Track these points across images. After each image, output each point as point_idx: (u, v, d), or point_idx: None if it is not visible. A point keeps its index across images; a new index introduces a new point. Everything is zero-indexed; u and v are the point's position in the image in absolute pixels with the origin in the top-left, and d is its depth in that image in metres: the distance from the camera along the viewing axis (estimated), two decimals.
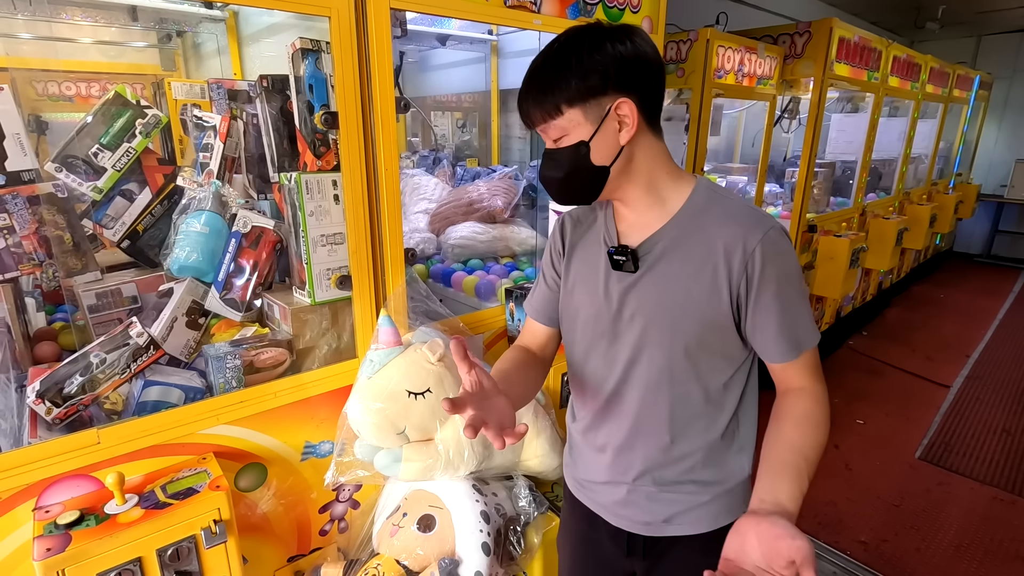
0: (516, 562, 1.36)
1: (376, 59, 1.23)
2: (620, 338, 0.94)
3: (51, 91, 2.02)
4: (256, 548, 1.36)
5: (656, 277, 0.90)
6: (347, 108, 1.22)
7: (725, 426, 0.95)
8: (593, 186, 0.88)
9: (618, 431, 0.99)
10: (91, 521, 0.99)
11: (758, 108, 3.37)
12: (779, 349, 0.87)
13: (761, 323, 0.86)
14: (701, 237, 0.87)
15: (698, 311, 0.87)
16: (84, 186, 1.40)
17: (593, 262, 0.97)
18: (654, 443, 0.96)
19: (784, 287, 0.85)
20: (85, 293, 1.39)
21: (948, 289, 5.82)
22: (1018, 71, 6.57)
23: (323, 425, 1.39)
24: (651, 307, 0.90)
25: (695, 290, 0.86)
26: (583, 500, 1.09)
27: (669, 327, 0.89)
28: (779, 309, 0.85)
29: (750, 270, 0.83)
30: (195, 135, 1.57)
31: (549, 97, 0.83)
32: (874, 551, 2.19)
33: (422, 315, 1.49)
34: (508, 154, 3.01)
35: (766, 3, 4.30)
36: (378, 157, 1.29)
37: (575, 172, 0.86)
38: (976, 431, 3.10)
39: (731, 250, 0.84)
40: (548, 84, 0.83)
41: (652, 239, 0.90)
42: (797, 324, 0.87)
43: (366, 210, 1.31)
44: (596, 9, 1.61)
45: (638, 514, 1.00)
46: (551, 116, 0.84)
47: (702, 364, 0.91)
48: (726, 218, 0.86)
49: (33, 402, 1.10)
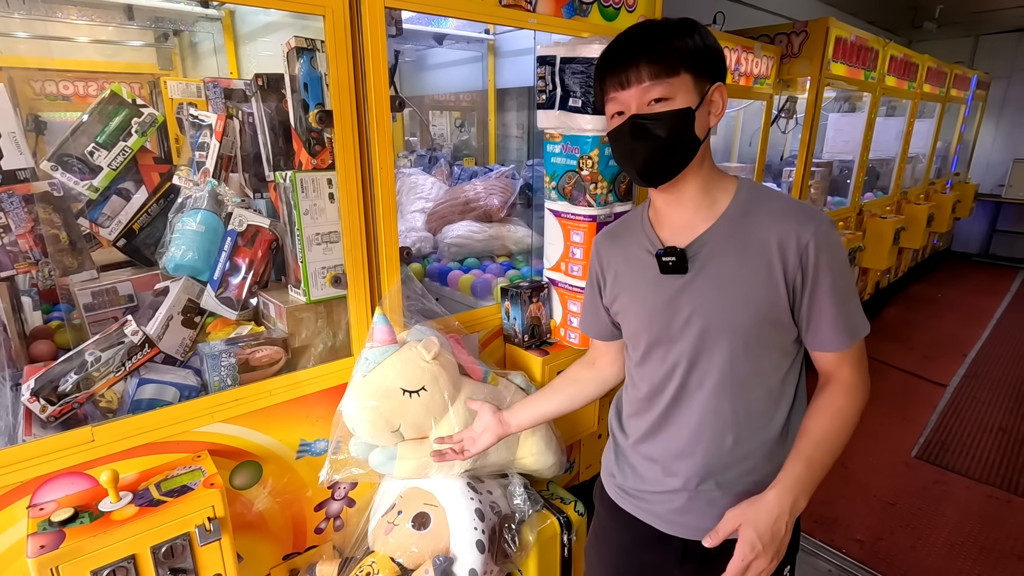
0: (511, 560, 1.37)
1: (371, 58, 1.23)
2: (677, 342, 0.94)
3: (48, 90, 2.03)
4: (251, 546, 1.36)
5: (710, 277, 0.90)
6: (342, 107, 1.23)
7: (783, 421, 0.95)
8: (685, 157, 0.88)
9: (678, 437, 0.98)
10: (85, 518, 0.99)
11: (755, 107, 3.37)
12: (836, 339, 0.89)
13: (818, 314, 0.88)
14: (753, 236, 0.88)
15: (756, 308, 0.88)
16: (80, 185, 1.40)
17: (638, 270, 0.98)
18: (716, 446, 0.95)
19: (838, 278, 0.87)
20: (81, 292, 1.40)
21: (946, 288, 5.83)
22: (1016, 71, 6.57)
23: (318, 423, 1.39)
24: (708, 308, 0.90)
25: (752, 287, 0.88)
26: (630, 510, 1.07)
27: (728, 326, 0.89)
28: (836, 300, 0.87)
29: (805, 263, 0.86)
30: (191, 134, 1.58)
31: (670, 55, 0.83)
32: (870, 549, 2.19)
33: (417, 313, 1.49)
34: (505, 153, 3.01)
35: (763, 2, 4.30)
36: (373, 156, 1.29)
37: (676, 137, 0.86)
38: (973, 430, 3.10)
39: (785, 245, 0.86)
40: (671, 43, 0.83)
41: (700, 240, 0.91)
42: (851, 313, 0.89)
43: (361, 209, 1.31)
44: (592, 8, 1.61)
45: (700, 520, 0.97)
46: (667, 74, 0.83)
47: (763, 360, 0.92)
48: (776, 215, 0.88)
49: (28, 400, 1.10)
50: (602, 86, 0.90)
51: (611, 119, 0.91)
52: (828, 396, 0.91)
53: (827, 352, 0.91)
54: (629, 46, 0.85)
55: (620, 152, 0.92)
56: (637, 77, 0.84)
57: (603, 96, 0.91)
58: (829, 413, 0.89)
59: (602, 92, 0.91)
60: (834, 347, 0.90)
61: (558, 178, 1.60)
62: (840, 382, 0.92)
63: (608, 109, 0.91)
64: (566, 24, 1.57)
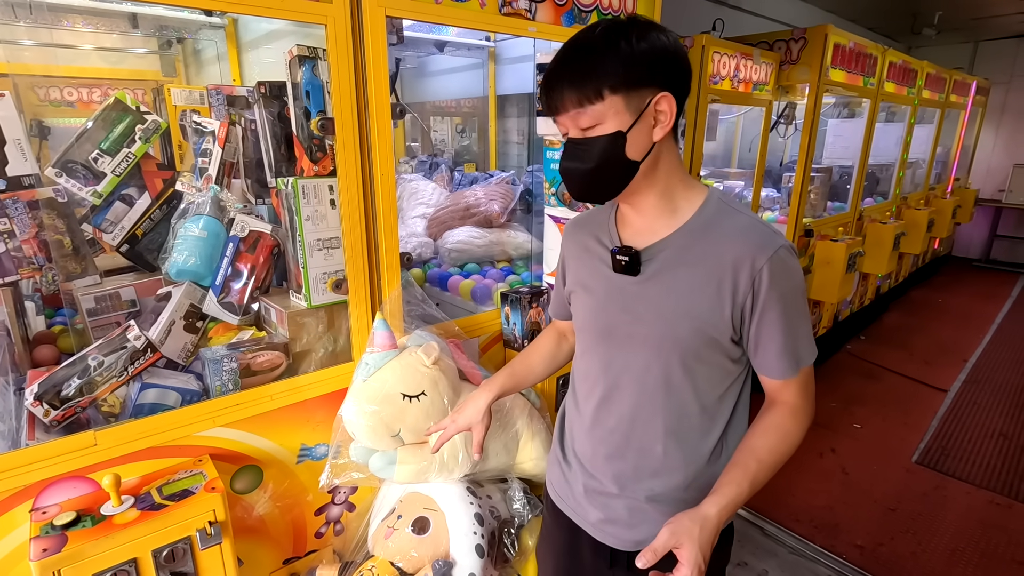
0: (510, 564, 1.37)
1: (372, 66, 1.25)
2: (617, 342, 0.93)
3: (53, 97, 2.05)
4: (252, 550, 1.37)
5: (660, 284, 0.89)
6: (343, 114, 1.24)
7: (717, 439, 0.94)
8: (620, 181, 0.85)
9: (609, 440, 0.97)
10: (87, 522, 0.99)
11: (755, 113, 3.38)
12: (780, 367, 0.87)
13: (764, 341, 0.86)
14: (710, 249, 0.85)
15: (698, 322, 0.86)
16: (84, 191, 1.41)
17: (593, 263, 0.97)
18: (646, 453, 0.94)
19: (788, 307, 0.85)
20: (84, 297, 1.41)
21: (946, 294, 5.82)
22: (1015, 76, 6.59)
23: (319, 428, 1.40)
24: (652, 315, 0.89)
25: (698, 301, 0.86)
26: (567, 512, 1.07)
27: (668, 336, 0.88)
28: (783, 329, 0.85)
29: (756, 287, 0.83)
30: (194, 140, 1.59)
31: (591, 80, 0.78)
32: (870, 555, 2.19)
33: (418, 319, 1.50)
34: (506, 159, 3.03)
35: (762, 9, 4.33)
36: (374, 162, 1.31)
37: (606, 164, 0.82)
38: (973, 435, 3.10)
39: (739, 266, 0.83)
40: (591, 67, 0.78)
41: (658, 245, 0.89)
42: (798, 342, 0.87)
43: (362, 215, 1.32)
44: (591, 16, 1.63)
45: (623, 532, 0.98)
46: (589, 101, 0.79)
47: (698, 376, 0.90)
48: (737, 233, 0.85)
49: (31, 404, 1.11)
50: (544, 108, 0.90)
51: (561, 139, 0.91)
52: (776, 416, 0.89)
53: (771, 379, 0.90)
54: (556, 72, 0.82)
55: (561, 172, 0.90)
56: (563, 105, 0.82)
57: None
58: (778, 434, 0.88)
59: None
60: (779, 375, 0.88)
61: (557, 184, 1.61)
62: (786, 404, 0.90)
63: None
64: (566, 32, 1.59)
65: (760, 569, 2.12)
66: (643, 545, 0.95)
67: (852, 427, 3.15)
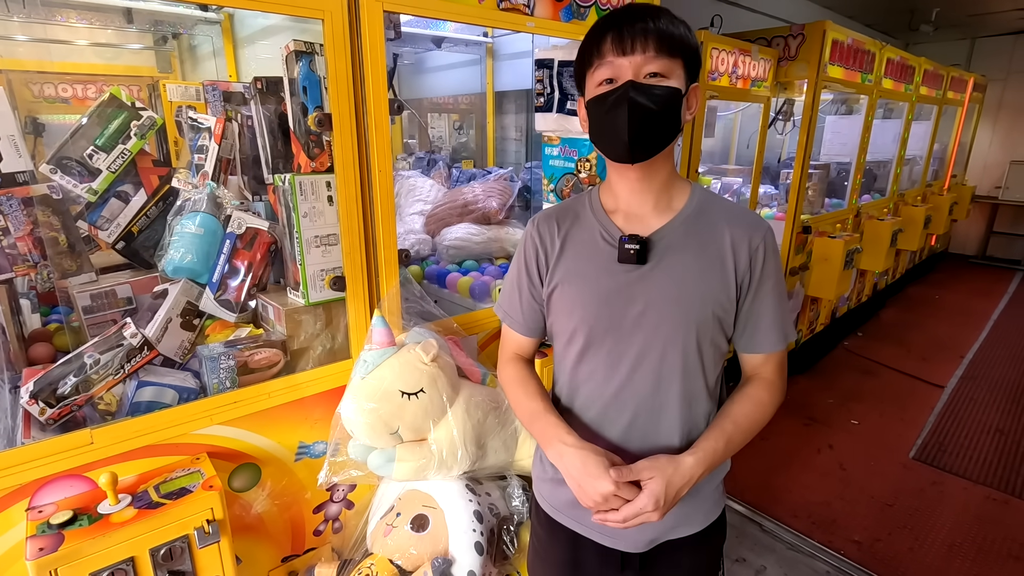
0: (509, 561, 1.37)
1: (369, 61, 1.24)
2: (627, 335, 0.90)
3: (47, 93, 2.03)
4: (250, 548, 1.36)
5: (667, 271, 0.88)
6: (340, 110, 1.23)
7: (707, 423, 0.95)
8: (669, 135, 0.87)
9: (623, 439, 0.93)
10: (84, 521, 0.99)
11: (753, 110, 3.38)
12: (771, 339, 0.93)
13: (757, 315, 0.92)
14: (710, 234, 0.90)
15: (712, 304, 0.89)
16: (79, 188, 1.40)
17: (588, 256, 0.93)
18: (663, 449, 0.90)
19: (778, 282, 0.93)
20: (80, 294, 1.40)
21: (943, 290, 5.84)
22: (1012, 73, 6.60)
23: (317, 425, 1.39)
24: (664, 302, 0.88)
25: (708, 284, 0.89)
26: (567, 524, 1.02)
27: (684, 321, 0.88)
28: (775, 303, 0.92)
29: (754, 264, 0.90)
30: (190, 137, 1.58)
31: (675, 35, 0.83)
32: (868, 550, 2.20)
33: (416, 316, 1.50)
34: (503, 156, 3.02)
35: (760, 6, 4.32)
36: (371, 158, 1.30)
37: (667, 112, 0.84)
38: (970, 431, 3.11)
39: (738, 246, 0.89)
40: (675, 25, 0.84)
41: (658, 233, 0.90)
42: (786, 318, 0.94)
43: (360, 211, 1.31)
44: (589, 12, 1.62)
45: (640, 533, 0.94)
46: (667, 52, 0.82)
47: (707, 358, 0.91)
48: (729, 216, 0.92)
49: (27, 403, 1.11)
50: (597, 49, 0.84)
51: (597, 87, 0.86)
52: (753, 388, 0.94)
53: (759, 353, 0.94)
54: (639, 14, 0.82)
55: (608, 120, 0.85)
56: (643, 45, 0.81)
57: (591, 62, 0.86)
58: (753, 402, 0.92)
59: (592, 57, 0.86)
60: (769, 348, 0.93)
61: (556, 180, 1.60)
62: (764, 378, 0.94)
63: (595, 76, 0.86)
64: (564, 27, 1.58)
65: (758, 565, 2.12)
66: (657, 543, 0.97)
67: (849, 423, 3.16)
